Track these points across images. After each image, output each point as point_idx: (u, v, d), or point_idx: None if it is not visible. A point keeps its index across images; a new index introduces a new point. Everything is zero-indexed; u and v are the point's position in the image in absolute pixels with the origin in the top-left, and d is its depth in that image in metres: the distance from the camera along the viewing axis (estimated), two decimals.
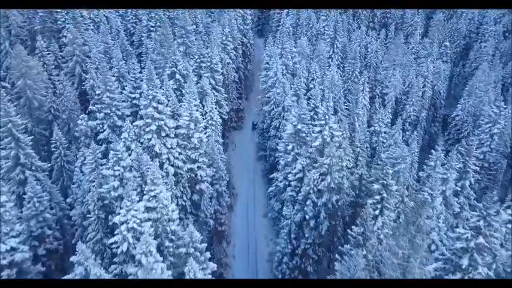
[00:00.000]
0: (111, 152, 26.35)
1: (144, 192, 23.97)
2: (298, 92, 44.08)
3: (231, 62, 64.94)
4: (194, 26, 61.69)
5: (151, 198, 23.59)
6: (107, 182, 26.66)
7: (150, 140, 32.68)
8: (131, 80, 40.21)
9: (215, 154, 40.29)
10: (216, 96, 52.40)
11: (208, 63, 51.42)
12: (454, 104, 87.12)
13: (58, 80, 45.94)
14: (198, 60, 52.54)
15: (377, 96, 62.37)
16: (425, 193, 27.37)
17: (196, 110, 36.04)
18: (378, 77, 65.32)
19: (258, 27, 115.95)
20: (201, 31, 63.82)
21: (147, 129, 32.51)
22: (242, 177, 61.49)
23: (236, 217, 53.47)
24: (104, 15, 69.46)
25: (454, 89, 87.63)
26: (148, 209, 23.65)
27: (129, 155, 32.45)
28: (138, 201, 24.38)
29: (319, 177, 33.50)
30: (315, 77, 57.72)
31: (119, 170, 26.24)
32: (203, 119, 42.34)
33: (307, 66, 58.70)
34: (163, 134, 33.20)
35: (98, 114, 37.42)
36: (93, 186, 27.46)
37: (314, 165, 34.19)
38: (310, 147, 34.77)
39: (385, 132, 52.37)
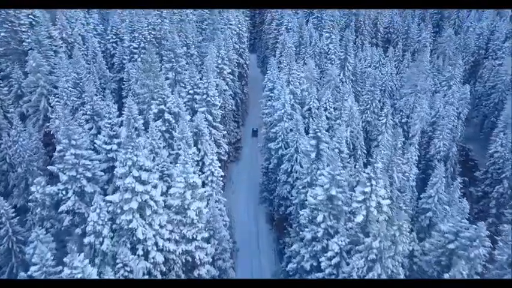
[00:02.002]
0: (66, 269, 16.84)
1: None
2: (319, 134, 35.14)
3: (227, 88, 56.01)
4: (185, 48, 52.56)
5: None
6: None
7: (130, 221, 23.14)
8: (106, 127, 30.59)
9: (217, 221, 30.83)
10: (214, 135, 43.14)
11: (204, 96, 42.11)
12: (465, 125, 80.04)
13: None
14: (191, 92, 43.23)
15: (397, 126, 53.88)
16: None
17: (194, 172, 26.62)
18: (397, 104, 57.03)
19: (249, 42, 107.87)
20: (193, 53, 54.72)
21: (126, 208, 22.98)
22: (243, 224, 51.73)
23: None
24: (80, 34, 59.91)
25: None
26: None
27: (100, 244, 22.87)
28: None
29: (365, 265, 24.40)
30: (328, 107, 49.17)
31: None
32: (201, 174, 32.92)
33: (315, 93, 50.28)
34: (148, 212, 23.71)
35: (61, 175, 27.66)
36: None
37: (357, 247, 25.10)
38: (350, 222, 25.78)
39: (413, 174, 44.21)
